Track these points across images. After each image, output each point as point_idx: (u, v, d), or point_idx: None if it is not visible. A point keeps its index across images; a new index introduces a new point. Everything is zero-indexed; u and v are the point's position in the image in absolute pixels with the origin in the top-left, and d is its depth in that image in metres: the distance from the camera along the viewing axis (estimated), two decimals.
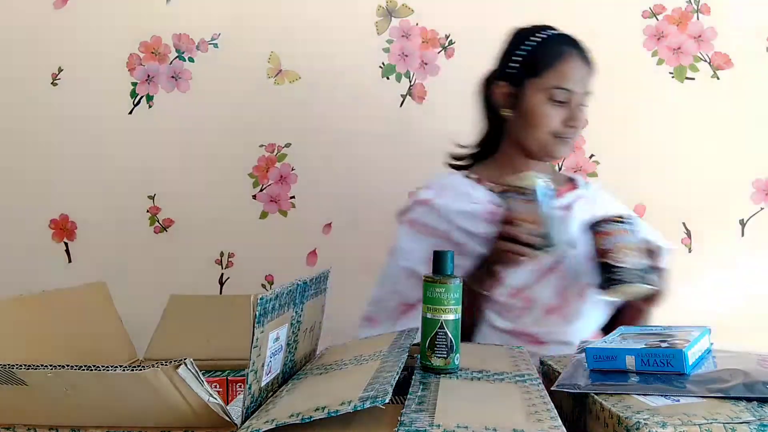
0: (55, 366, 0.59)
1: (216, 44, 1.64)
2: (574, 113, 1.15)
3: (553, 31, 1.19)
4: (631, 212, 1.23)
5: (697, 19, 1.59)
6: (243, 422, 0.63)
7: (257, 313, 0.64)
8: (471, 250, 1.10)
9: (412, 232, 1.17)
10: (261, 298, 0.64)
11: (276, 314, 0.70)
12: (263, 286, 1.64)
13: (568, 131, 1.16)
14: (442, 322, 0.78)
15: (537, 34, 1.18)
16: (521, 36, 1.20)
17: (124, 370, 0.58)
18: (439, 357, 0.78)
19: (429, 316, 0.79)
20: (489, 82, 1.24)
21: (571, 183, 1.27)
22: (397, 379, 0.64)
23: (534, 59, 1.16)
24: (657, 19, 1.60)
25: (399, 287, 1.15)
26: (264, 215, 1.64)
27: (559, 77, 1.14)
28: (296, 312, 0.78)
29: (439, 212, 1.15)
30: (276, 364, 0.74)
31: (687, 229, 1.60)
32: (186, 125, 1.64)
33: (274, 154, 1.64)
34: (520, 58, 1.18)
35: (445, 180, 1.23)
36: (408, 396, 0.67)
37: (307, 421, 0.58)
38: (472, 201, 1.16)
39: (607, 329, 1.16)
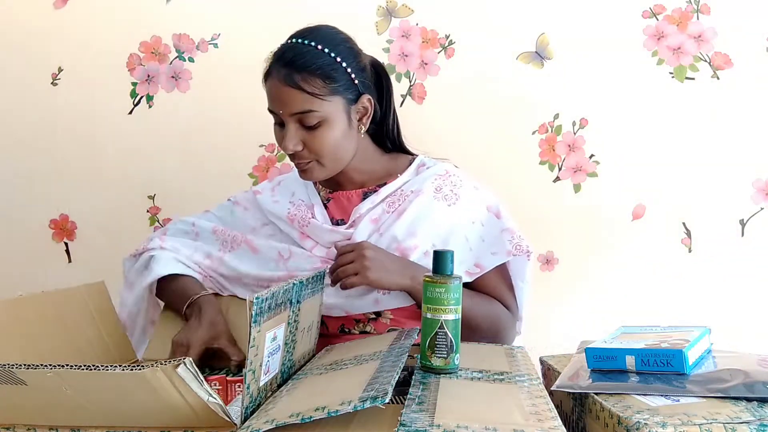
0: (55, 366, 0.59)
1: (216, 44, 1.63)
2: (285, 135, 1.02)
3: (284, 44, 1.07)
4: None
5: (697, 19, 1.59)
6: (243, 422, 0.63)
7: (253, 312, 0.64)
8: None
9: (228, 204, 1.22)
10: (256, 298, 0.64)
11: (272, 314, 0.70)
12: None
13: (292, 156, 1.05)
14: (442, 322, 0.78)
15: None
16: None
17: (124, 370, 0.58)
18: (439, 357, 0.78)
19: (429, 316, 0.79)
20: None
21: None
22: (397, 379, 0.64)
23: None
24: (657, 19, 1.59)
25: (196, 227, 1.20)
26: None
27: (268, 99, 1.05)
28: (293, 311, 0.78)
29: (258, 203, 1.18)
30: (274, 363, 0.74)
31: (687, 229, 1.60)
32: (186, 125, 1.64)
33: (274, 154, 1.63)
34: None
35: (285, 178, 1.23)
36: (408, 396, 0.67)
37: (307, 421, 0.58)
38: (290, 200, 1.15)
39: None
